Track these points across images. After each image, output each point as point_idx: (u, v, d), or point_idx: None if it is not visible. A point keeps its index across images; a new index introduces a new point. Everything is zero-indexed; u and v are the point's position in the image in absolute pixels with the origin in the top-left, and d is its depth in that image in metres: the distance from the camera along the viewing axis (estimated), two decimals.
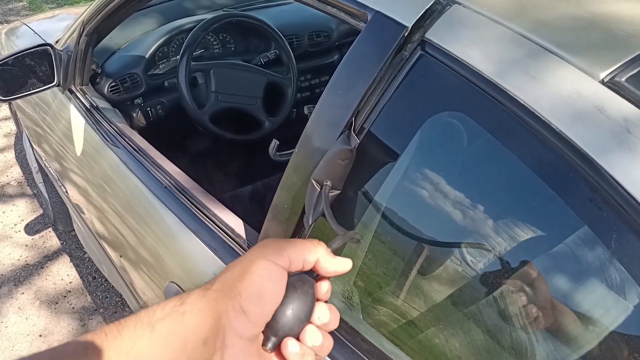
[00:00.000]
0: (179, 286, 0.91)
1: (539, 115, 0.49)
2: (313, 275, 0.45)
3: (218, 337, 0.39)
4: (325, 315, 0.44)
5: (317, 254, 0.44)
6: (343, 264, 0.45)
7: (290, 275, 0.43)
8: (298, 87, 1.63)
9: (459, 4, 0.58)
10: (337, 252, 0.47)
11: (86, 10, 1.29)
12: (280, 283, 0.42)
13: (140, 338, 0.37)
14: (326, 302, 0.46)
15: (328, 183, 0.60)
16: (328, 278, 0.46)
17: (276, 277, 0.41)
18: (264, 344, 0.41)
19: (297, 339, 0.42)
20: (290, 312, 0.41)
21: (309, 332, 0.43)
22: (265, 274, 0.41)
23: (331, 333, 0.65)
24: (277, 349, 0.42)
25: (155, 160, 1.06)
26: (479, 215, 0.54)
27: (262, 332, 0.42)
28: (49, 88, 1.35)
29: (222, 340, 0.39)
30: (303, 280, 0.43)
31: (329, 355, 0.65)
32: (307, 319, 0.43)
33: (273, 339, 0.41)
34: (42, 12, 4.25)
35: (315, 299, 0.44)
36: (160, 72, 1.54)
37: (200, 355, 0.38)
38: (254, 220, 0.88)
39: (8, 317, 1.79)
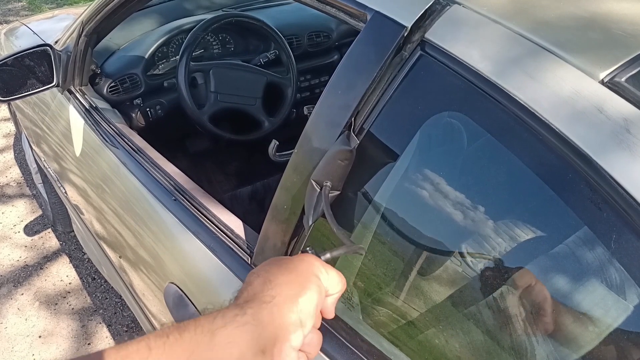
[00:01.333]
0: (179, 287, 0.91)
1: (538, 115, 0.49)
2: None
3: (275, 347, 0.41)
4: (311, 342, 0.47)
5: (334, 291, 0.48)
6: (332, 313, 0.50)
7: None
8: (298, 88, 1.63)
9: (459, 4, 0.58)
10: (334, 259, 0.51)
11: (85, 10, 1.29)
12: (324, 300, 0.47)
13: (200, 342, 0.38)
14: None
15: (328, 184, 0.60)
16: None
17: (323, 295, 0.46)
18: None
19: None
20: None
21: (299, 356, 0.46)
22: (318, 292, 0.45)
23: (330, 333, 0.65)
24: None
25: (155, 161, 1.06)
26: (479, 216, 0.54)
27: None
28: (48, 88, 1.35)
29: (279, 350, 0.41)
30: None
31: (329, 356, 0.65)
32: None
33: None
34: (41, 12, 4.25)
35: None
36: (160, 72, 1.54)
37: None
38: (253, 220, 0.87)
39: (7, 318, 1.79)
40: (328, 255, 0.50)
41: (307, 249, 0.51)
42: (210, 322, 0.39)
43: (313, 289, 0.45)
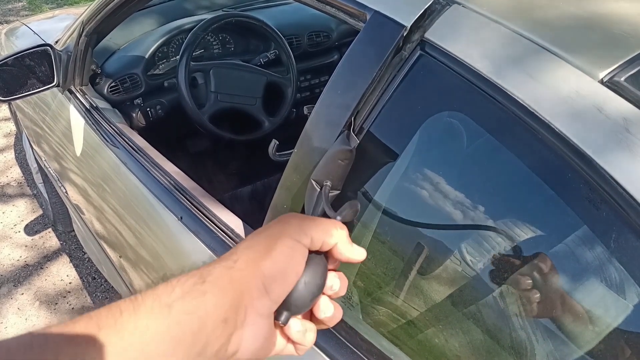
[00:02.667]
0: None
1: (538, 114, 0.49)
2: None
3: (238, 315, 0.38)
4: (337, 284, 0.44)
5: (337, 238, 0.44)
6: (359, 253, 0.45)
7: None
8: (298, 87, 1.63)
9: (458, 3, 0.58)
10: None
11: (86, 10, 1.29)
12: (302, 261, 0.41)
13: (157, 317, 0.35)
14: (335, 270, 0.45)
15: (328, 183, 0.60)
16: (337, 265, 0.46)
17: (299, 255, 0.41)
18: (276, 319, 0.41)
19: (310, 311, 0.43)
20: (303, 287, 0.41)
21: (322, 305, 0.43)
22: (288, 252, 0.41)
23: (330, 332, 0.65)
24: None
25: (155, 161, 1.06)
26: (479, 215, 0.54)
27: None
28: (48, 88, 1.35)
29: (243, 319, 0.38)
30: (315, 254, 0.43)
31: (329, 356, 0.65)
32: (319, 292, 0.43)
33: (285, 314, 0.41)
34: (41, 12, 4.25)
35: (327, 272, 0.44)
36: (160, 72, 1.54)
37: (220, 334, 0.37)
38: (253, 220, 0.87)
39: (7, 317, 1.79)
40: (339, 218, 0.47)
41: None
42: (169, 294, 0.36)
43: (281, 250, 0.40)
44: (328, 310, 0.43)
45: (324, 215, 0.58)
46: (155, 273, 1.02)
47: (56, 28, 1.67)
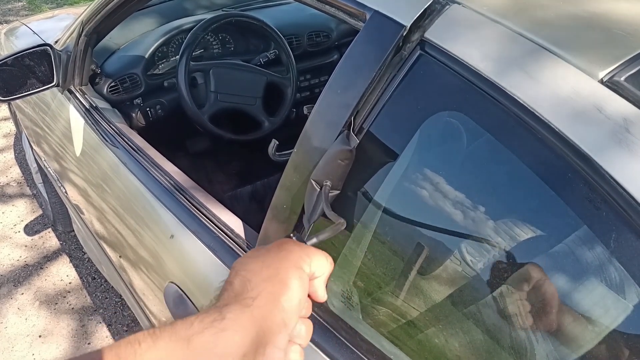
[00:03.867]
0: (179, 287, 0.91)
1: (538, 114, 0.49)
2: None
3: (258, 351, 0.39)
4: (309, 307, 0.47)
5: (321, 274, 0.47)
6: (324, 295, 0.48)
7: None
8: (297, 87, 1.63)
9: (458, 3, 0.58)
10: (328, 241, 0.49)
11: (85, 10, 1.29)
12: (307, 288, 0.45)
13: (174, 350, 0.36)
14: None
15: (328, 183, 0.60)
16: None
17: (306, 285, 0.44)
18: None
19: None
20: None
21: (292, 349, 0.45)
22: (301, 284, 0.43)
23: (330, 332, 0.65)
24: None
25: (155, 161, 1.06)
26: (479, 215, 0.54)
27: None
28: (48, 88, 1.35)
29: (262, 353, 0.40)
30: None
31: (329, 355, 0.65)
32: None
33: None
34: (41, 12, 4.25)
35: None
36: (160, 72, 1.54)
37: None
38: (253, 220, 0.87)
39: (7, 317, 1.79)
40: (315, 240, 0.49)
41: (291, 235, 0.49)
42: (187, 328, 0.37)
43: (294, 283, 0.43)
44: (302, 328, 0.46)
45: (324, 215, 0.59)
46: (155, 273, 1.02)
47: (56, 28, 1.67)
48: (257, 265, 0.43)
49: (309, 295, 0.47)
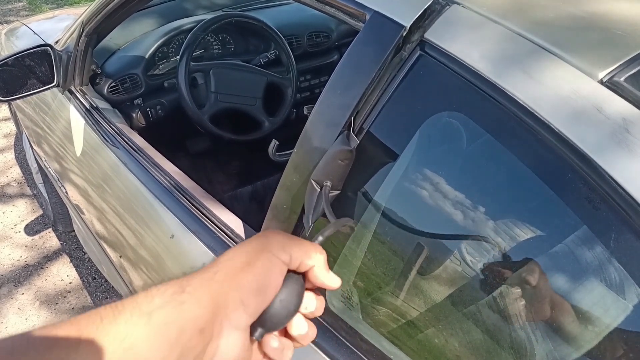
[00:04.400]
0: None
1: (537, 115, 0.49)
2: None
3: (215, 326, 0.39)
4: (312, 304, 0.45)
5: (314, 261, 0.44)
6: (334, 280, 0.45)
7: None
8: (298, 88, 1.63)
9: (458, 3, 0.58)
10: (328, 240, 0.48)
11: (86, 10, 1.29)
12: (280, 277, 0.42)
13: (136, 326, 0.36)
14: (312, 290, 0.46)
15: (328, 183, 0.60)
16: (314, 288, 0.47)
17: (277, 271, 0.42)
18: (251, 334, 0.42)
19: (284, 328, 0.44)
20: (279, 305, 0.42)
21: (295, 323, 0.44)
22: (268, 266, 0.41)
23: (330, 332, 0.65)
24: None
25: (155, 161, 1.06)
26: (478, 215, 0.54)
27: None
28: (48, 88, 1.35)
29: (219, 330, 0.39)
30: (293, 273, 0.44)
31: (329, 356, 0.65)
32: (295, 310, 0.44)
33: (260, 330, 0.42)
34: (41, 12, 4.25)
35: (303, 291, 0.45)
36: (160, 72, 1.54)
37: (196, 344, 0.38)
38: (253, 220, 0.88)
39: (8, 317, 1.79)
40: (320, 238, 0.47)
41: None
42: (149, 302, 0.37)
43: (260, 264, 0.41)
44: (301, 328, 0.44)
45: (324, 215, 0.59)
46: (155, 273, 1.03)
47: (56, 28, 1.67)
48: (233, 249, 0.43)
49: (319, 289, 0.46)
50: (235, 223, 0.87)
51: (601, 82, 0.48)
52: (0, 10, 4.57)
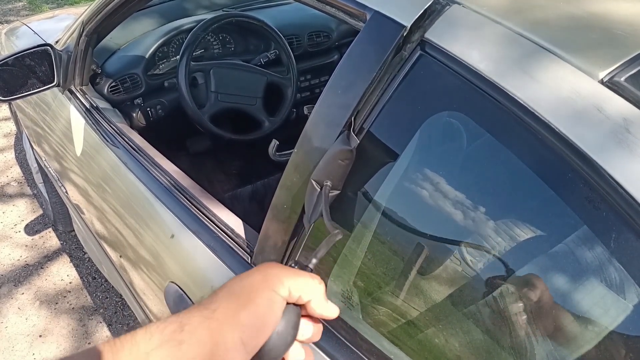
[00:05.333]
0: (179, 286, 0.91)
1: (538, 115, 0.49)
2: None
3: None
4: (309, 331, 0.45)
5: (312, 295, 0.44)
6: (332, 310, 0.46)
7: None
8: (298, 87, 1.63)
9: (458, 3, 0.58)
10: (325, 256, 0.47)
11: (86, 10, 1.29)
12: (279, 314, 0.42)
13: None
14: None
15: (328, 183, 0.60)
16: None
17: (277, 308, 0.42)
18: None
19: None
20: (277, 338, 0.42)
21: (292, 351, 0.44)
22: (267, 304, 0.41)
23: (330, 332, 0.65)
24: None
25: (155, 160, 1.06)
26: (479, 215, 0.54)
27: None
28: (48, 88, 1.35)
29: None
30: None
31: (329, 356, 0.65)
32: (292, 342, 0.43)
33: None
34: (42, 12, 4.25)
35: (300, 320, 0.44)
36: (160, 72, 1.54)
37: None
38: (253, 220, 0.88)
39: (8, 317, 1.79)
40: (314, 261, 0.47)
41: (291, 263, 0.47)
42: (147, 341, 0.37)
43: (262, 302, 0.41)
44: (298, 356, 0.44)
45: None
46: (155, 273, 1.03)
47: (56, 28, 1.67)
48: (231, 283, 0.43)
49: (318, 319, 0.46)
50: (235, 223, 0.87)
51: (601, 82, 0.48)
52: (0, 10, 4.57)
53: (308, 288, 0.44)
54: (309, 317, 0.46)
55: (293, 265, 0.46)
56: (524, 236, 0.51)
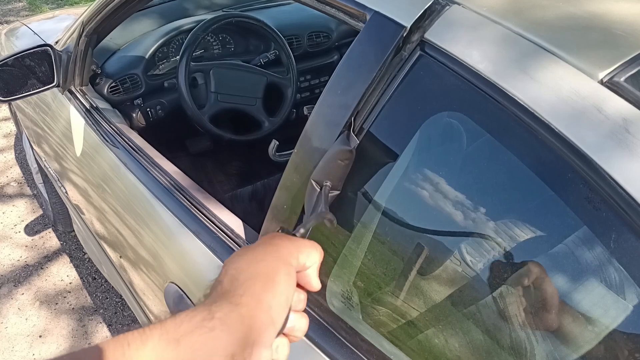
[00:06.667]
0: (179, 287, 0.91)
1: (538, 115, 0.49)
2: None
3: (246, 350, 0.39)
4: (300, 298, 0.47)
5: (311, 263, 0.47)
6: (317, 283, 0.48)
7: None
8: (298, 88, 1.63)
9: (458, 4, 0.58)
10: (328, 240, 0.49)
11: (86, 10, 1.29)
12: (294, 284, 0.45)
13: (164, 351, 0.36)
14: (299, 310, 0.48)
15: (328, 183, 0.60)
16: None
17: (293, 281, 0.44)
18: None
19: None
20: None
21: (292, 317, 0.45)
22: (287, 280, 0.43)
23: (330, 332, 0.65)
24: None
25: (155, 161, 1.06)
26: (479, 216, 0.54)
27: None
28: (48, 89, 1.35)
29: (250, 353, 0.39)
30: None
31: (329, 355, 0.65)
32: (281, 329, 0.44)
33: None
34: (41, 12, 4.25)
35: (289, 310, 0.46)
36: (160, 72, 1.54)
37: None
38: (253, 220, 0.88)
39: (8, 317, 1.79)
40: (302, 230, 0.49)
41: (279, 230, 0.49)
42: (177, 328, 0.37)
43: (282, 279, 0.43)
44: (292, 322, 0.46)
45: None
46: (155, 273, 1.03)
47: (56, 28, 1.67)
48: (245, 263, 0.44)
49: (302, 287, 0.48)
50: (235, 223, 0.87)
51: (601, 82, 0.48)
52: (0, 10, 4.57)
53: (312, 256, 0.47)
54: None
55: (280, 231, 0.48)
56: (524, 236, 0.51)
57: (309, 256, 0.46)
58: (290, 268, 0.44)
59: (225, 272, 0.43)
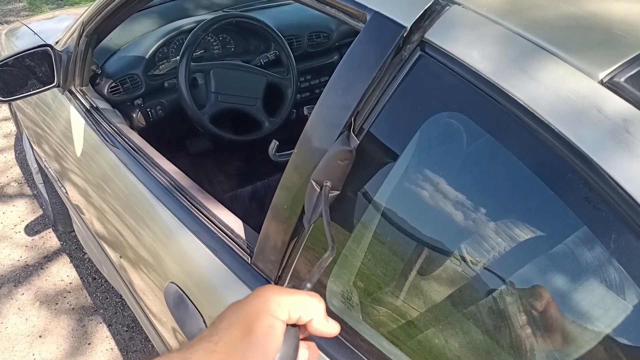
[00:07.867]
0: (179, 287, 0.91)
1: (538, 115, 0.49)
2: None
3: None
4: (305, 355, 0.45)
5: (312, 314, 0.44)
6: (333, 327, 0.45)
7: None
8: (298, 88, 1.63)
9: (458, 4, 0.58)
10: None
11: (86, 11, 1.29)
12: (281, 338, 0.42)
13: None
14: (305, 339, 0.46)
15: (328, 184, 0.61)
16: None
17: (278, 334, 0.42)
18: None
19: None
20: None
21: None
22: (268, 331, 0.41)
23: None
24: None
25: (155, 161, 1.06)
26: (478, 216, 0.54)
27: None
28: (49, 89, 1.35)
29: None
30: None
31: (329, 356, 0.65)
32: None
33: None
34: (42, 12, 4.25)
35: (299, 344, 0.44)
36: (160, 72, 1.55)
37: None
38: (253, 220, 0.88)
39: (8, 317, 1.79)
40: (309, 285, 0.47)
41: (287, 286, 0.47)
42: None
43: (261, 330, 0.41)
44: None
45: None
46: (155, 273, 1.03)
47: (56, 28, 1.67)
48: (229, 311, 0.43)
49: (308, 339, 0.46)
50: (235, 223, 0.87)
51: (601, 82, 0.48)
52: (0, 10, 4.58)
53: (307, 308, 0.44)
54: (306, 339, 0.46)
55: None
56: (524, 236, 0.51)
57: (303, 308, 0.43)
58: (275, 321, 0.42)
59: (212, 321, 0.43)
